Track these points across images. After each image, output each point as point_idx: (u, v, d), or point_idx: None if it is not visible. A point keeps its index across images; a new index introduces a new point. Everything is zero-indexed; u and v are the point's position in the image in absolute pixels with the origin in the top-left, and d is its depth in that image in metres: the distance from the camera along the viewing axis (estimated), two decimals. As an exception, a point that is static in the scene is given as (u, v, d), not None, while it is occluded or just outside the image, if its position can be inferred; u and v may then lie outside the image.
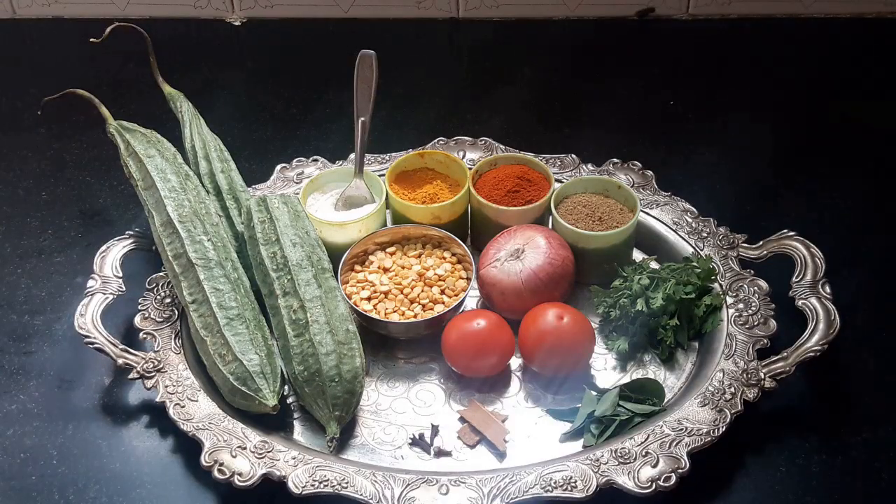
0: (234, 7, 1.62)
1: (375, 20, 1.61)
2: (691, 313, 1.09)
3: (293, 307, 1.03)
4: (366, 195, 1.20)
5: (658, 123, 1.42)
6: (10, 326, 1.16)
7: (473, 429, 1.03)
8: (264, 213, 1.10)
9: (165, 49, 1.31)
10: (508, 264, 1.10)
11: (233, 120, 1.42)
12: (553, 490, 0.94)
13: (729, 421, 0.98)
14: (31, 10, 1.64)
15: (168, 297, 1.11)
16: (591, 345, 1.07)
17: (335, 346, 1.01)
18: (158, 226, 1.10)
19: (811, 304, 1.06)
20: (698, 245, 1.16)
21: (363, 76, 1.23)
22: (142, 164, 1.14)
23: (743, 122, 1.41)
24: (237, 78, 1.54)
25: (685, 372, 1.08)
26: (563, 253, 1.11)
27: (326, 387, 1.00)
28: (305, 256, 1.07)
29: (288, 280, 1.05)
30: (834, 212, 1.26)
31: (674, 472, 0.95)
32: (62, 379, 1.11)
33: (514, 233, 1.12)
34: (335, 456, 1.00)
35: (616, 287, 1.11)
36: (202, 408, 1.01)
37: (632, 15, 1.60)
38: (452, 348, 1.07)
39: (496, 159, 1.22)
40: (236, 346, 1.01)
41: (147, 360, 1.05)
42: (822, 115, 1.41)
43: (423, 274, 1.13)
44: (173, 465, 1.02)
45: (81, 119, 1.40)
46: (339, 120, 1.40)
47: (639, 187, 1.23)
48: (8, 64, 1.58)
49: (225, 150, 1.22)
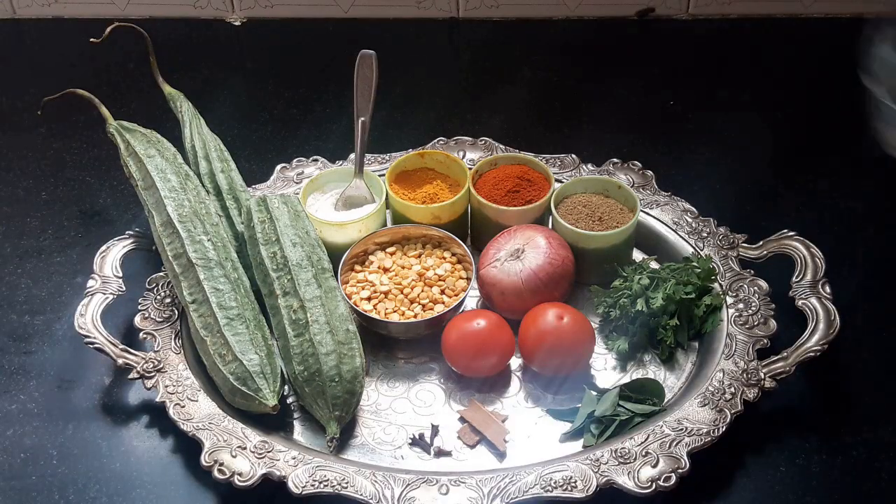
0: (234, 7, 1.62)
1: (375, 20, 1.61)
2: (691, 313, 1.09)
3: (293, 307, 1.03)
4: (366, 195, 1.20)
5: (658, 123, 1.42)
6: (10, 326, 1.16)
7: (473, 429, 1.03)
8: (264, 213, 1.10)
9: (165, 49, 1.32)
10: (508, 264, 1.10)
11: (233, 120, 1.42)
12: (553, 490, 0.94)
13: (729, 421, 0.98)
14: (31, 10, 1.64)
15: (168, 297, 1.11)
16: (591, 345, 1.07)
17: (335, 346, 1.01)
18: (158, 226, 1.10)
19: (811, 304, 1.07)
20: (698, 245, 1.16)
21: (363, 76, 1.23)
22: (142, 164, 1.14)
23: (743, 122, 1.41)
24: (237, 78, 1.54)
25: (685, 372, 1.08)
26: (563, 253, 1.11)
27: (326, 387, 1.00)
28: (305, 256, 1.07)
29: (288, 280, 1.05)
30: (834, 212, 1.26)
31: (674, 472, 0.95)
32: (62, 379, 1.11)
33: (514, 233, 1.12)
34: (335, 456, 1.00)
35: (616, 287, 1.11)
36: (202, 408, 1.01)
37: (632, 15, 1.60)
38: (452, 348, 1.07)
39: (496, 159, 1.22)
40: (236, 346, 1.01)
41: (147, 360, 1.05)
42: (822, 115, 1.41)
43: (423, 274, 1.13)
44: (173, 465, 1.02)
45: (81, 119, 1.41)
46: (339, 120, 1.40)
47: (639, 187, 1.23)
48: (8, 64, 1.58)
49: (225, 150, 1.22)
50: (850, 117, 1.40)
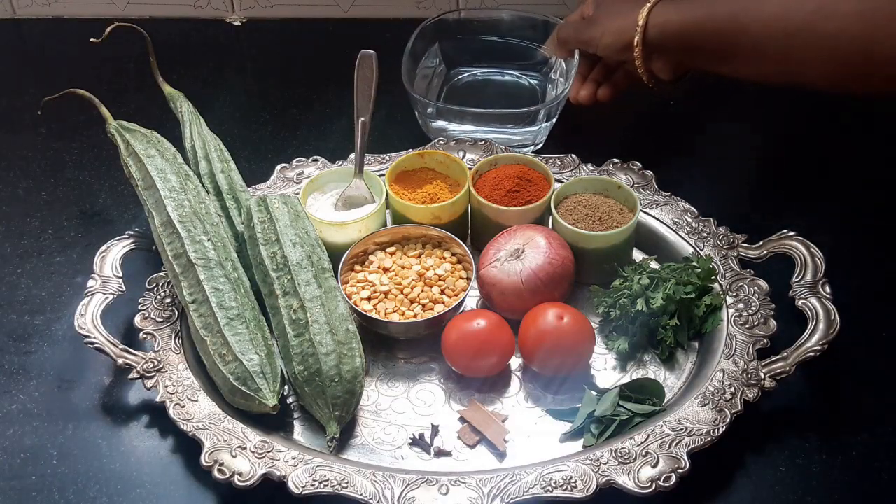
0: (234, 7, 1.62)
1: (375, 20, 1.61)
2: (691, 313, 1.09)
3: (293, 307, 1.03)
4: (366, 195, 1.20)
5: (658, 123, 1.42)
6: (10, 326, 1.16)
7: (473, 429, 1.03)
8: (264, 212, 1.10)
9: (165, 49, 1.31)
10: (508, 264, 1.10)
11: (233, 120, 1.42)
12: (553, 490, 0.94)
13: (729, 421, 0.98)
14: (31, 10, 1.64)
15: (168, 297, 1.11)
16: (592, 345, 1.07)
17: (335, 346, 1.01)
18: (158, 226, 1.10)
19: (811, 304, 1.07)
20: (698, 245, 1.16)
21: (363, 76, 1.23)
22: (142, 164, 1.14)
23: (743, 121, 1.41)
24: (237, 78, 1.54)
25: (685, 372, 1.08)
26: (563, 253, 1.11)
27: (326, 387, 1.00)
28: (305, 256, 1.07)
29: (288, 280, 1.05)
30: (834, 212, 1.26)
31: (674, 472, 0.95)
32: (62, 379, 1.11)
33: (514, 233, 1.12)
34: (335, 456, 1.00)
35: (616, 287, 1.11)
36: (202, 408, 1.01)
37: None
38: (452, 348, 1.07)
39: (496, 159, 1.22)
40: (236, 346, 1.01)
41: (147, 360, 1.05)
42: (822, 115, 1.41)
43: (423, 274, 1.13)
44: (173, 465, 1.02)
45: (81, 119, 1.40)
46: (339, 120, 1.40)
47: (639, 187, 1.23)
48: (8, 64, 1.58)
49: (225, 150, 1.22)
50: (851, 117, 1.40)
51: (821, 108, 1.42)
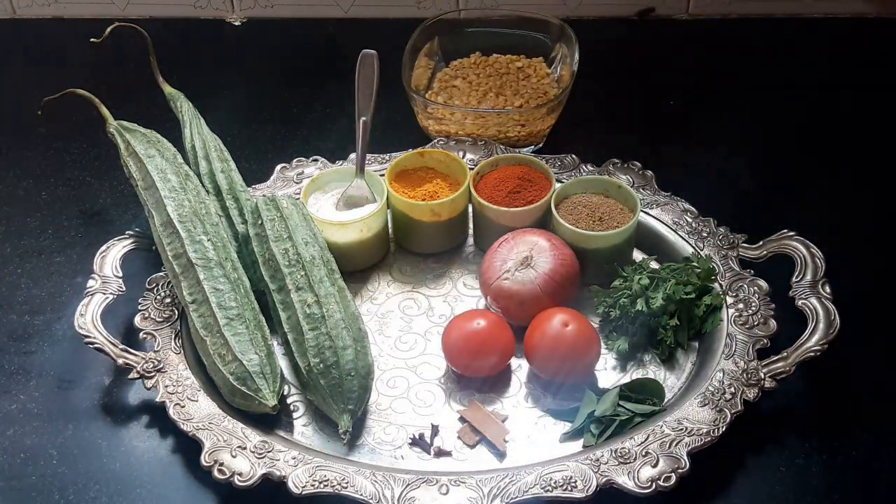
0: (234, 7, 1.62)
1: (375, 20, 1.61)
2: (691, 313, 1.09)
3: (307, 301, 1.03)
4: (367, 195, 1.20)
5: (658, 123, 1.42)
6: (10, 326, 1.16)
7: (473, 429, 1.03)
8: (274, 211, 1.10)
9: (165, 49, 1.31)
10: (521, 274, 1.09)
11: (233, 120, 1.42)
12: (553, 490, 0.94)
13: (729, 421, 0.98)
14: (31, 10, 1.64)
15: (168, 297, 1.11)
16: (599, 352, 1.07)
17: (352, 342, 1.01)
18: (158, 226, 1.10)
19: (811, 304, 1.07)
20: (698, 245, 1.16)
21: (364, 76, 1.23)
22: (142, 164, 1.14)
23: (743, 122, 1.41)
24: (237, 78, 1.54)
25: (685, 372, 1.08)
26: (566, 251, 1.11)
27: (344, 380, 1.00)
28: (318, 255, 1.07)
29: (302, 276, 1.05)
30: (834, 212, 1.26)
31: (674, 472, 0.95)
32: (62, 379, 1.11)
33: (513, 241, 1.12)
34: (335, 456, 1.00)
35: (616, 287, 1.11)
36: (202, 408, 1.02)
37: (632, 15, 1.60)
38: (452, 348, 1.07)
39: (497, 160, 1.22)
40: (236, 346, 1.01)
41: (147, 360, 1.05)
42: (823, 115, 1.41)
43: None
44: (173, 465, 1.02)
45: (81, 119, 1.40)
46: (339, 120, 1.40)
47: (639, 187, 1.23)
48: (8, 64, 1.58)
49: (225, 150, 1.22)
50: (851, 117, 1.40)
51: (821, 108, 1.42)
